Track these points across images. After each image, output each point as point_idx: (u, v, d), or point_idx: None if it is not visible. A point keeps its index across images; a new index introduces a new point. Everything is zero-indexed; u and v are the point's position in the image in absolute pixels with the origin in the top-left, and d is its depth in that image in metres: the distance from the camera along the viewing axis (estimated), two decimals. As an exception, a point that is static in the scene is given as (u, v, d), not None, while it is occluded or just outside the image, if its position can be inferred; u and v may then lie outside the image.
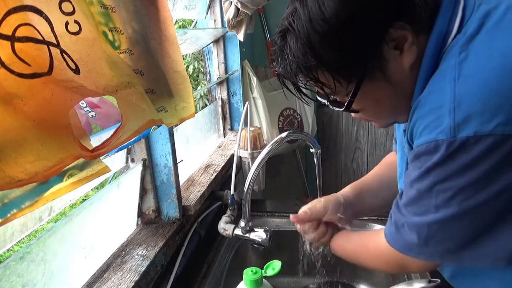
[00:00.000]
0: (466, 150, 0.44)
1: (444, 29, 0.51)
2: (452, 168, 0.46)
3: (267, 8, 1.94)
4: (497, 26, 0.47)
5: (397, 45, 0.53)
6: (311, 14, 0.51)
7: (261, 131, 1.34)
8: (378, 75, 0.55)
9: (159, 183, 0.92)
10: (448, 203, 0.48)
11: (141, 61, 0.58)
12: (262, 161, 0.93)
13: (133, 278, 0.72)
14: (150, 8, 0.60)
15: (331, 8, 0.50)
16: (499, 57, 0.44)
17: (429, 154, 0.47)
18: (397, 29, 0.51)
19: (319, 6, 0.50)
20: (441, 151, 0.45)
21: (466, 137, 0.43)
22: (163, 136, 0.89)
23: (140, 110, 0.57)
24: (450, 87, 0.45)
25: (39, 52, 0.39)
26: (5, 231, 0.53)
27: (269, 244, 0.97)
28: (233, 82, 1.66)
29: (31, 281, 0.59)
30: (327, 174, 2.29)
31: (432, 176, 0.48)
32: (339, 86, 0.57)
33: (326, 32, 0.51)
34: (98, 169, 0.52)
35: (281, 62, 0.57)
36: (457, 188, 0.47)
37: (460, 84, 0.45)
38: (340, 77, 0.55)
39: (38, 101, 0.40)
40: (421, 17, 0.51)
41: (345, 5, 0.50)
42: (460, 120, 0.44)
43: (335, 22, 0.50)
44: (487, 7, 0.49)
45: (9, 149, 0.37)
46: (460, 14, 0.50)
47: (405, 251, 0.57)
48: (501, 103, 0.42)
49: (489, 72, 0.44)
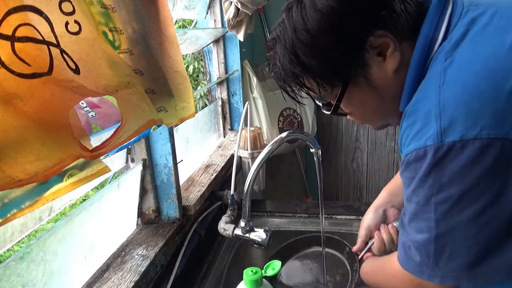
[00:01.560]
0: (455, 155, 0.44)
1: (430, 37, 0.52)
2: (444, 176, 0.45)
3: (267, 8, 1.94)
4: (482, 32, 0.48)
5: (380, 52, 0.55)
6: (296, 25, 0.56)
7: (261, 131, 1.34)
8: (361, 81, 0.57)
9: (159, 183, 0.92)
10: (448, 214, 0.47)
11: (141, 61, 0.58)
12: (262, 161, 0.93)
13: (133, 278, 0.72)
14: (150, 8, 0.60)
15: (314, 20, 0.54)
16: (481, 62, 0.45)
17: (418, 161, 0.47)
18: (377, 37, 0.53)
19: (303, 18, 0.55)
20: (429, 156, 0.45)
21: (452, 142, 0.43)
22: (163, 136, 0.89)
23: (140, 110, 0.57)
24: (436, 94, 0.46)
25: (39, 52, 0.39)
26: (5, 231, 0.53)
27: (269, 244, 0.97)
28: (233, 82, 1.66)
29: (31, 281, 0.59)
30: (327, 174, 2.29)
31: (426, 188, 0.47)
32: (324, 91, 0.60)
33: (309, 41, 0.55)
34: (98, 169, 0.52)
35: (273, 69, 0.63)
36: (454, 198, 0.46)
37: (444, 90, 0.46)
38: (324, 82, 0.59)
39: (38, 101, 0.40)
40: (402, 25, 0.53)
41: (326, 17, 0.53)
42: (446, 125, 0.44)
43: (317, 33, 0.54)
44: (474, 14, 0.50)
45: (9, 149, 0.37)
46: (446, 22, 0.51)
47: (417, 274, 0.54)
48: (484, 107, 0.42)
49: (471, 76, 0.44)
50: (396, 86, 0.57)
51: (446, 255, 0.49)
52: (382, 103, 0.60)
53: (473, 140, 0.42)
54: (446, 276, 0.50)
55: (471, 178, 0.44)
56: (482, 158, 0.43)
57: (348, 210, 1.22)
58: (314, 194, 2.17)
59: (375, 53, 0.55)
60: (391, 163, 2.21)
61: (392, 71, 0.56)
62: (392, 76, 0.56)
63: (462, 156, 0.43)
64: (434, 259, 0.50)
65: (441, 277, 0.51)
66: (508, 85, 0.43)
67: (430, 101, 0.46)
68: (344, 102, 0.61)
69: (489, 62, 0.44)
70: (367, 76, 0.57)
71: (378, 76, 0.56)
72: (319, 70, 0.58)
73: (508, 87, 0.42)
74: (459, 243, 0.48)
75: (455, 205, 0.46)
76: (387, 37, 0.54)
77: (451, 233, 0.48)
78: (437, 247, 0.49)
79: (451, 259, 0.49)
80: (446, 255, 0.49)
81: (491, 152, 0.42)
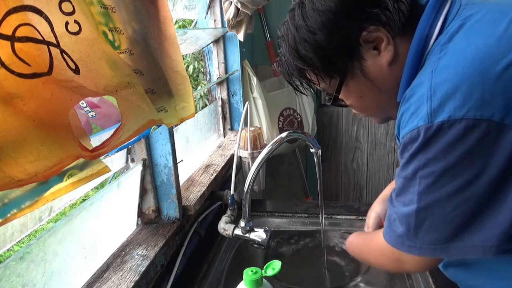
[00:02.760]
0: (443, 134, 0.47)
1: (426, 32, 0.56)
2: (431, 153, 0.48)
3: (267, 8, 1.94)
4: (475, 25, 0.51)
5: (376, 46, 0.60)
6: (297, 23, 0.62)
7: (261, 131, 1.34)
8: (358, 73, 0.63)
9: (159, 183, 0.92)
10: (430, 189, 0.50)
11: (141, 61, 0.59)
12: (262, 161, 0.93)
13: (133, 278, 0.72)
14: (150, 8, 0.60)
15: (312, 17, 0.60)
16: (472, 50, 0.48)
17: (412, 141, 0.50)
18: (371, 32, 0.58)
19: (303, 16, 0.61)
20: (421, 136, 0.48)
21: (441, 122, 0.46)
22: (163, 136, 0.89)
23: (140, 110, 0.57)
24: (428, 78, 0.49)
25: (39, 52, 0.39)
26: (5, 231, 0.53)
27: (269, 244, 0.97)
28: (233, 82, 1.66)
29: (31, 281, 0.59)
30: (327, 174, 2.29)
31: (414, 163, 0.51)
32: (324, 83, 0.67)
33: (308, 37, 0.61)
34: (98, 169, 0.52)
35: (280, 64, 0.70)
36: (437, 173, 0.49)
37: (436, 75, 0.49)
38: (323, 75, 0.65)
39: (38, 101, 0.40)
40: (394, 21, 0.58)
41: (323, 14, 0.59)
42: (436, 107, 0.47)
43: (315, 29, 0.60)
44: (470, 12, 0.54)
45: (9, 149, 0.37)
46: (443, 18, 0.56)
47: (398, 246, 0.57)
48: (472, 90, 0.45)
49: (461, 62, 0.47)
50: (391, 78, 0.61)
51: (425, 228, 0.52)
52: (379, 94, 0.64)
53: (460, 120, 0.45)
54: (424, 248, 0.54)
55: (454, 156, 0.47)
56: (467, 137, 0.46)
57: (348, 210, 1.22)
58: (314, 194, 2.17)
59: (371, 47, 0.60)
60: (391, 163, 2.21)
61: (387, 64, 0.60)
62: (387, 68, 0.60)
63: (448, 135, 0.46)
64: (414, 231, 0.54)
65: (419, 249, 0.54)
66: (495, 70, 0.45)
67: (423, 86, 0.50)
68: (344, 94, 0.67)
69: (479, 50, 0.47)
70: (362, 68, 0.62)
71: (374, 68, 0.61)
72: (318, 63, 0.63)
73: (495, 72, 0.45)
74: (438, 217, 0.51)
75: (437, 181, 0.49)
76: (380, 32, 0.58)
77: (431, 206, 0.51)
78: (418, 220, 0.53)
79: (430, 232, 0.52)
80: (425, 227, 0.52)
81: (475, 132, 0.45)
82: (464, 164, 0.47)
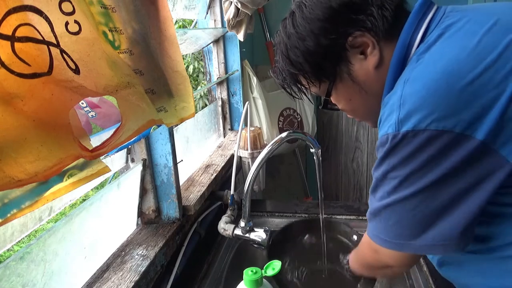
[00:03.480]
0: (407, 143, 0.51)
1: (408, 40, 0.59)
2: (397, 158, 0.53)
3: (267, 8, 1.94)
4: (452, 36, 0.53)
5: (362, 51, 0.63)
6: (288, 31, 0.67)
7: (261, 131, 1.34)
8: (346, 77, 0.66)
9: (159, 183, 0.92)
10: (397, 189, 0.55)
11: (141, 61, 0.58)
12: (262, 161, 0.93)
13: (133, 278, 0.72)
14: (150, 8, 0.60)
15: (301, 25, 0.64)
16: (443, 63, 0.50)
17: (383, 145, 0.54)
18: (356, 37, 0.62)
19: (293, 25, 0.66)
20: (389, 142, 0.53)
21: (406, 131, 0.50)
22: (163, 136, 0.89)
23: (140, 110, 0.57)
24: (400, 88, 0.52)
25: (39, 52, 0.39)
26: (5, 231, 0.53)
27: (269, 244, 0.97)
28: (233, 82, 1.66)
29: (31, 281, 0.59)
30: (327, 174, 2.29)
31: (383, 166, 0.55)
32: (314, 87, 0.70)
33: (298, 43, 0.65)
34: (98, 169, 0.52)
35: (275, 71, 0.74)
36: (402, 176, 0.53)
37: (407, 85, 0.52)
38: (313, 79, 0.69)
39: (38, 101, 0.40)
40: (378, 27, 0.61)
41: (311, 21, 0.63)
42: (403, 117, 0.50)
43: (304, 36, 0.64)
44: (451, 20, 0.55)
45: (9, 149, 0.37)
46: (425, 27, 0.58)
47: (374, 238, 0.62)
48: (437, 104, 0.48)
49: (431, 75, 0.50)
50: (377, 81, 0.64)
51: (392, 223, 0.58)
52: (367, 97, 0.67)
53: (423, 131, 0.49)
54: (393, 242, 0.59)
55: (417, 162, 0.51)
56: (429, 146, 0.49)
57: (348, 210, 1.22)
58: (314, 194, 2.17)
59: (358, 52, 0.63)
60: (391, 163, 2.21)
61: (373, 68, 0.63)
62: (373, 72, 0.63)
63: (412, 144, 0.50)
64: (384, 225, 0.59)
65: (389, 243, 0.59)
66: (461, 84, 0.48)
67: (396, 95, 0.53)
68: (334, 98, 0.71)
69: (449, 64, 0.49)
70: (350, 72, 0.65)
71: (361, 72, 0.64)
72: (307, 68, 0.67)
73: (461, 87, 0.48)
74: (402, 215, 0.56)
75: (403, 182, 0.54)
76: (365, 37, 0.61)
77: (397, 204, 0.56)
78: (386, 215, 0.58)
79: (396, 228, 0.58)
80: (392, 223, 0.58)
81: (437, 142, 0.49)
82: (426, 169, 0.51)
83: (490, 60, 0.48)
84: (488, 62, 0.48)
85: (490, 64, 0.48)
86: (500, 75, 0.47)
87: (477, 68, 0.48)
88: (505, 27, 0.50)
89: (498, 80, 0.47)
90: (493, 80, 0.47)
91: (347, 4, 0.61)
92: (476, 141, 0.47)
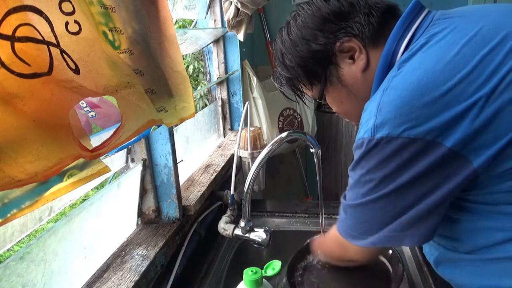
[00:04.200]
0: (381, 148, 0.54)
1: (392, 48, 0.62)
2: (372, 162, 0.56)
3: (267, 8, 1.94)
4: (434, 45, 0.55)
5: (351, 56, 0.67)
6: (283, 39, 0.73)
7: (261, 131, 1.34)
8: (335, 80, 0.70)
9: (159, 183, 0.92)
10: (370, 191, 0.58)
11: (141, 61, 0.58)
12: (262, 161, 0.93)
13: (133, 278, 0.72)
14: (150, 8, 0.60)
15: (294, 32, 0.70)
16: (420, 73, 0.52)
17: (358, 148, 0.58)
18: (343, 42, 0.66)
19: (287, 32, 0.72)
20: (364, 146, 0.56)
21: (380, 137, 0.53)
22: (163, 136, 0.89)
23: (140, 110, 0.57)
24: (380, 96, 0.55)
25: (39, 52, 0.39)
26: (5, 231, 0.53)
27: (269, 244, 0.97)
28: (233, 82, 1.66)
29: (31, 281, 0.59)
30: (327, 174, 2.29)
31: (359, 169, 0.59)
32: (308, 90, 0.75)
33: (291, 49, 0.71)
34: (98, 169, 0.52)
35: (274, 76, 0.80)
36: (376, 180, 0.57)
37: (385, 94, 0.54)
38: (306, 82, 0.74)
39: (38, 101, 0.40)
40: (364, 32, 0.64)
41: (303, 28, 0.69)
42: (379, 123, 0.53)
43: (296, 42, 0.70)
44: (437, 28, 0.57)
45: (9, 149, 0.37)
46: (410, 35, 0.61)
47: (342, 232, 0.67)
48: (411, 113, 0.51)
49: (407, 85, 0.52)
50: (365, 84, 0.67)
51: (361, 220, 0.63)
52: (355, 100, 0.70)
53: (396, 138, 0.52)
54: (359, 237, 0.64)
55: (390, 167, 0.54)
56: (402, 152, 0.52)
57: (348, 210, 1.22)
58: (314, 194, 2.17)
59: (346, 57, 0.67)
60: (391, 163, 2.21)
61: (360, 71, 0.66)
62: (361, 75, 0.67)
63: (386, 150, 0.53)
64: (353, 222, 0.64)
65: (356, 238, 0.64)
66: (434, 96, 0.50)
67: (375, 101, 0.55)
68: (328, 101, 0.75)
69: (426, 75, 0.52)
70: (339, 75, 0.69)
71: (349, 76, 0.68)
72: (300, 72, 0.72)
73: (434, 98, 0.50)
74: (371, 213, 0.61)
75: (376, 185, 0.57)
76: (352, 42, 0.65)
77: (368, 205, 0.60)
78: (356, 213, 0.63)
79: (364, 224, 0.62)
80: (361, 220, 0.63)
81: (410, 148, 0.52)
82: (398, 173, 0.54)
83: (465, 73, 0.50)
84: (462, 74, 0.50)
85: (464, 77, 0.50)
86: (473, 88, 0.49)
87: (451, 81, 0.50)
88: (486, 37, 0.52)
89: (470, 93, 0.49)
90: (465, 92, 0.49)
91: (336, 12, 0.66)
92: (445, 148, 0.50)
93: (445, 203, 0.55)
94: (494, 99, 0.49)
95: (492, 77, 0.49)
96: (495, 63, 0.50)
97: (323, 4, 0.67)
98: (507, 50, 0.50)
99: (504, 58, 0.50)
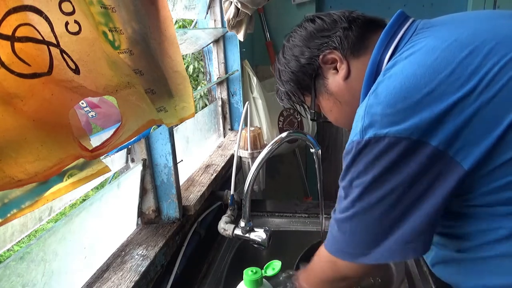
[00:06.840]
0: (370, 148, 0.55)
1: (378, 58, 0.66)
2: (362, 164, 0.57)
3: (267, 8, 1.94)
4: (416, 53, 0.58)
5: (335, 67, 0.73)
6: (279, 58, 0.82)
7: (261, 131, 1.34)
8: (323, 90, 0.76)
9: (159, 183, 0.93)
10: (362, 196, 0.58)
11: (141, 61, 0.59)
12: (262, 161, 0.93)
13: (133, 278, 0.72)
14: (150, 8, 0.60)
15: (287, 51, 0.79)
16: (402, 79, 0.55)
17: (348, 153, 0.59)
18: (326, 55, 0.72)
19: (283, 54, 0.81)
20: (353, 149, 0.57)
21: (368, 138, 0.55)
22: (163, 136, 0.89)
23: (140, 110, 0.57)
24: (367, 100, 0.58)
25: (39, 52, 0.39)
26: (5, 231, 0.53)
27: (269, 244, 0.97)
28: (233, 82, 1.66)
29: (31, 281, 0.59)
30: (327, 174, 2.28)
31: (350, 174, 0.59)
32: (301, 101, 0.83)
33: (284, 65, 0.79)
34: (98, 169, 0.52)
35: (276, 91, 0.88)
36: (366, 182, 0.57)
37: (371, 97, 0.57)
38: (298, 94, 0.81)
39: (38, 101, 0.40)
40: (343, 45, 0.71)
41: (293, 47, 0.78)
42: (366, 125, 0.56)
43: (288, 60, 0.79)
44: (420, 37, 0.61)
45: (9, 149, 0.37)
46: (394, 45, 0.65)
47: (334, 251, 0.66)
48: (395, 114, 0.54)
49: (391, 90, 0.55)
50: (348, 91, 0.73)
51: (357, 232, 0.61)
52: (341, 107, 0.75)
53: (383, 137, 0.54)
54: (355, 254, 0.62)
55: (380, 166, 0.55)
56: (390, 151, 0.54)
57: (348, 210, 1.22)
58: (314, 194, 2.17)
59: (331, 68, 0.74)
60: (391, 163, 2.21)
61: (342, 80, 0.72)
62: (343, 83, 0.72)
63: (375, 149, 0.55)
64: (348, 237, 0.62)
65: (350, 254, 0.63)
66: (416, 98, 0.53)
67: (363, 106, 0.58)
68: (322, 110, 0.81)
69: (408, 79, 0.54)
70: (325, 85, 0.75)
71: (333, 85, 0.74)
72: (293, 85, 0.80)
73: (416, 100, 0.53)
74: (366, 223, 0.59)
75: (367, 189, 0.57)
76: (334, 54, 0.72)
77: (362, 213, 0.59)
78: (351, 225, 0.61)
79: (359, 237, 0.61)
80: (357, 232, 0.61)
81: (397, 147, 0.53)
82: (388, 175, 0.55)
83: (445, 74, 0.52)
84: (442, 76, 0.52)
85: (445, 78, 0.52)
86: (453, 88, 0.52)
87: (432, 83, 0.53)
88: (464, 42, 0.55)
89: (451, 92, 0.51)
90: (446, 92, 0.52)
91: (319, 29, 0.74)
92: (431, 146, 0.52)
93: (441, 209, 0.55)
94: (475, 98, 0.51)
95: (472, 78, 0.51)
96: (474, 64, 0.52)
97: (309, 24, 0.76)
98: (485, 53, 0.53)
99: (483, 59, 0.52)
